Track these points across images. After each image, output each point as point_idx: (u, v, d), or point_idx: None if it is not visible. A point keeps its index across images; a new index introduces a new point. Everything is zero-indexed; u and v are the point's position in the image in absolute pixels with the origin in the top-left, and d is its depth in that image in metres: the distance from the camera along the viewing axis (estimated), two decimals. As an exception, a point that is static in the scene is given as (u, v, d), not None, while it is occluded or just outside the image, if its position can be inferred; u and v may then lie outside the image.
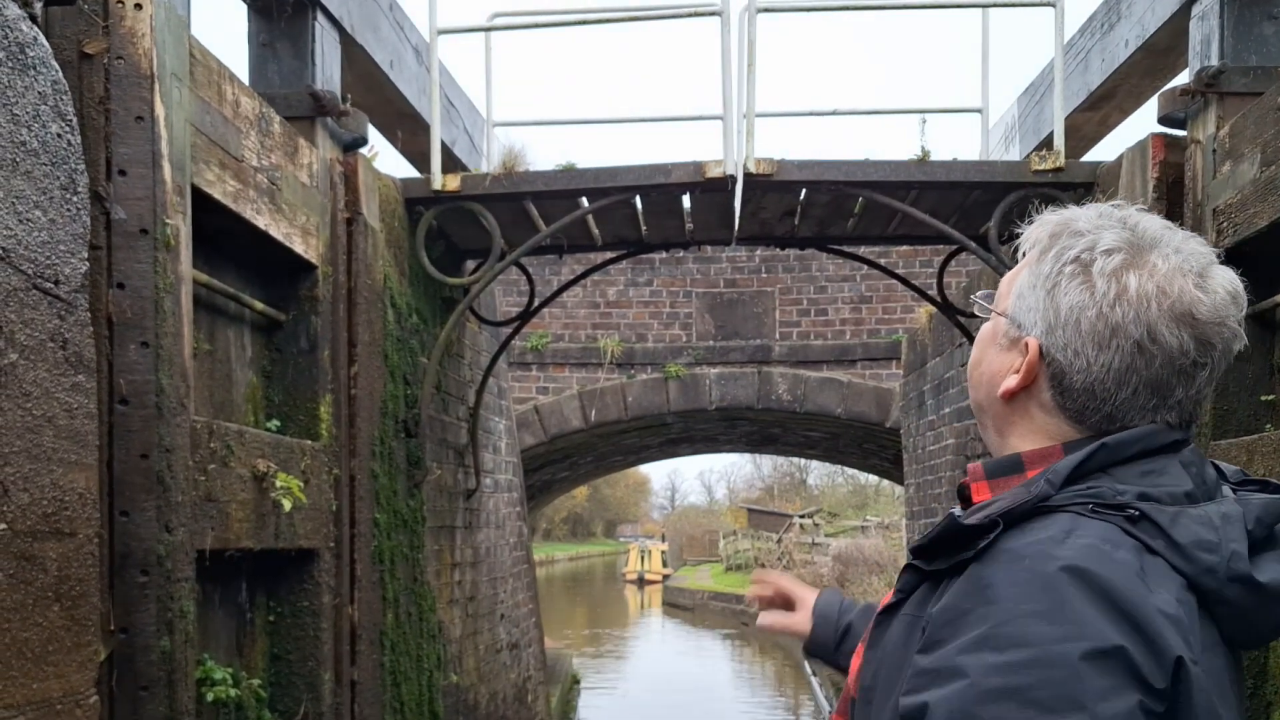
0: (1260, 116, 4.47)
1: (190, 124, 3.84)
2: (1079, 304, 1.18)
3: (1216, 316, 1.18)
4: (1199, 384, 1.20)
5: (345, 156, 5.45)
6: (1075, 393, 1.20)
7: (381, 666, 5.55)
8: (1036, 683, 1.00)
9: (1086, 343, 1.18)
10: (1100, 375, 1.18)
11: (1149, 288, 1.16)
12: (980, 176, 6.12)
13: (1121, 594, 1.04)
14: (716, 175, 6.02)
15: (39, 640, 2.85)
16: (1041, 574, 1.06)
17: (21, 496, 2.78)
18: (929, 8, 6.64)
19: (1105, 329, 1.17)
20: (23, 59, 2.87)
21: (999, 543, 1.12)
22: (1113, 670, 1.01)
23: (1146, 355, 1.17)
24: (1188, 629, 1.06)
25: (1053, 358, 1.21)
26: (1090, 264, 1.19)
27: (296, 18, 5.13)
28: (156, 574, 3.50)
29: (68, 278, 3.01)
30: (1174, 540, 1.10)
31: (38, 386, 2.85)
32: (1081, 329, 1.18)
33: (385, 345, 5.81)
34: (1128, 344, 1.16)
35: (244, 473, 4.17)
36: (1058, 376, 1.21)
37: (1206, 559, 1.10)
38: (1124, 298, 1.16)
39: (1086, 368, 1.18)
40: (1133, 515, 1.12)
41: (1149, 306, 1.16)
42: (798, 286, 13.74)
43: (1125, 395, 1.18)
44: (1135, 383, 1.18)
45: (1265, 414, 4.58)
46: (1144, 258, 1.18)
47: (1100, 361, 1.18)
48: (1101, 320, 1.17)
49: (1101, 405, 1.19)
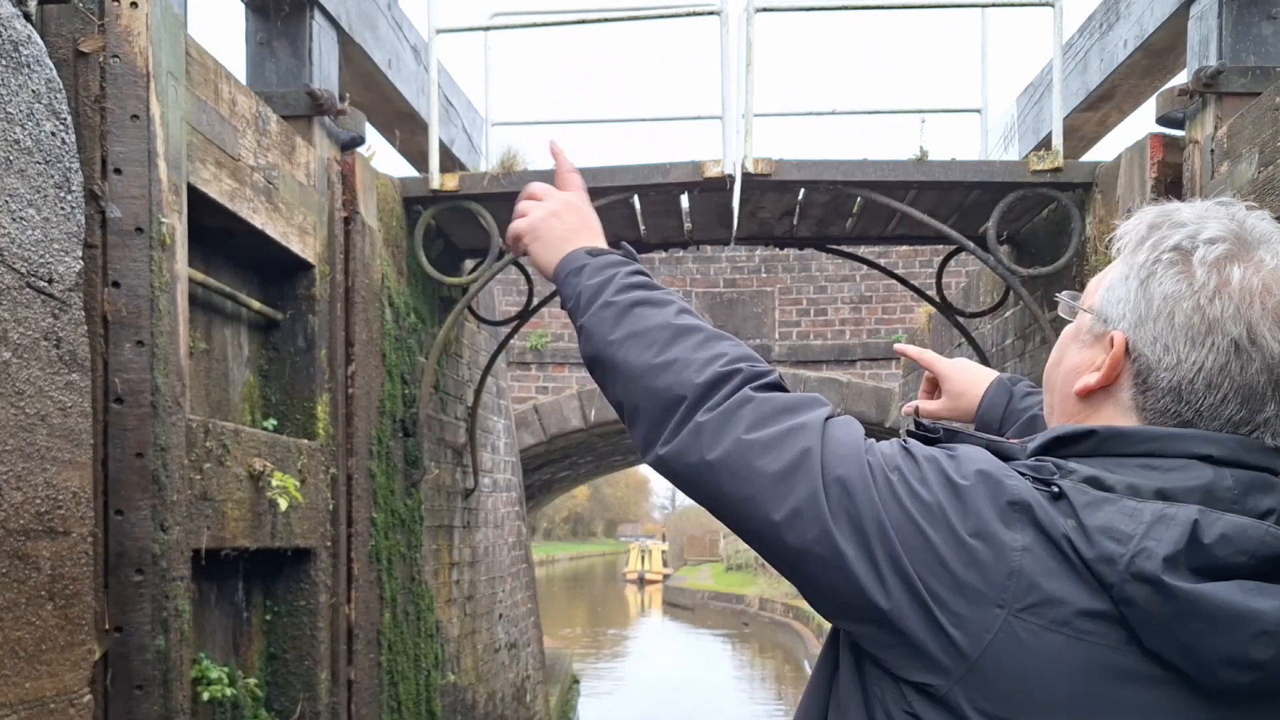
0: (1258, 116, 4.46)
1: (186, 122, 3.84)
2: (1175, 294, 1.09)
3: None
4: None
5: (343, 156, 5.45)
6: (1160, 392, 1.11)
7: (379, 666, 5.55)
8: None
9: (1179, 337, 1.08)
10: (1190, 374, 1.08)
11: (1254, 282, 1.06)
12: (979, 176, 6.11)
13: (966, 489, 1.08)
14: (715, 175, 6.02)
15: (32, 639, 2.85)
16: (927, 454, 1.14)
17: (14, 495, 2.78)
18: (928, 8, 6.63)
19: (1202, 323, 1.07)
20: (16, 57, 2.86)
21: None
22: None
23: (1244, 357, 1.06)
24: (1018, 574, 1.04)
25: (1140, 353, 1.11)
26: (1191, 252, 1.09)
27: (294, 16, 5.13)
28: (151, 573, 3.49)
29: (62, 276, 3.01)
30: (1082, 522, 1.04)
31: (31, 385, 2.85)
32: (1175, 322, 1.08)
33: (383, 344, 5.81)
34: (1224, 342, 1.06)
35: (240, 472, 4.17)
36: (1143, 373, 1.11)
37: (1108, 547, 1.02)
38: (1225, 290, 1.07)
39: (1176, 364, 1.09)
40: (1054, 493, 1.07)
41: (1251, 303, 1.06)
42: (797, 286, 13.73)
43: (1213, 401, 1.08)
44: (1227, 388, 1.08)
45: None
46: (1251, 252, 1.08)
47: (1192, 359, 1.08)
48: (1199, 314, 1.07)
49: (1184, 410, 1.10)
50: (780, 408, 1.20)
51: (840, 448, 1.15)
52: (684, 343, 1.29)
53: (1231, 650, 1.01)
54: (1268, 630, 1.00)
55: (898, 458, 1.13)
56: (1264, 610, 1.00)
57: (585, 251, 1.46)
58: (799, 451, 1.15)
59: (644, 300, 1.36)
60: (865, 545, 1.09)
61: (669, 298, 1.37)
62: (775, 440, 1.17)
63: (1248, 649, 1.00)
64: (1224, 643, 1.01)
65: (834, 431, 1.17)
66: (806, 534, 1.12)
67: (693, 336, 1.30)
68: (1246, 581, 1.02)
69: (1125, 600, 1.02)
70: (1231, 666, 1.01)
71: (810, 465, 1.14)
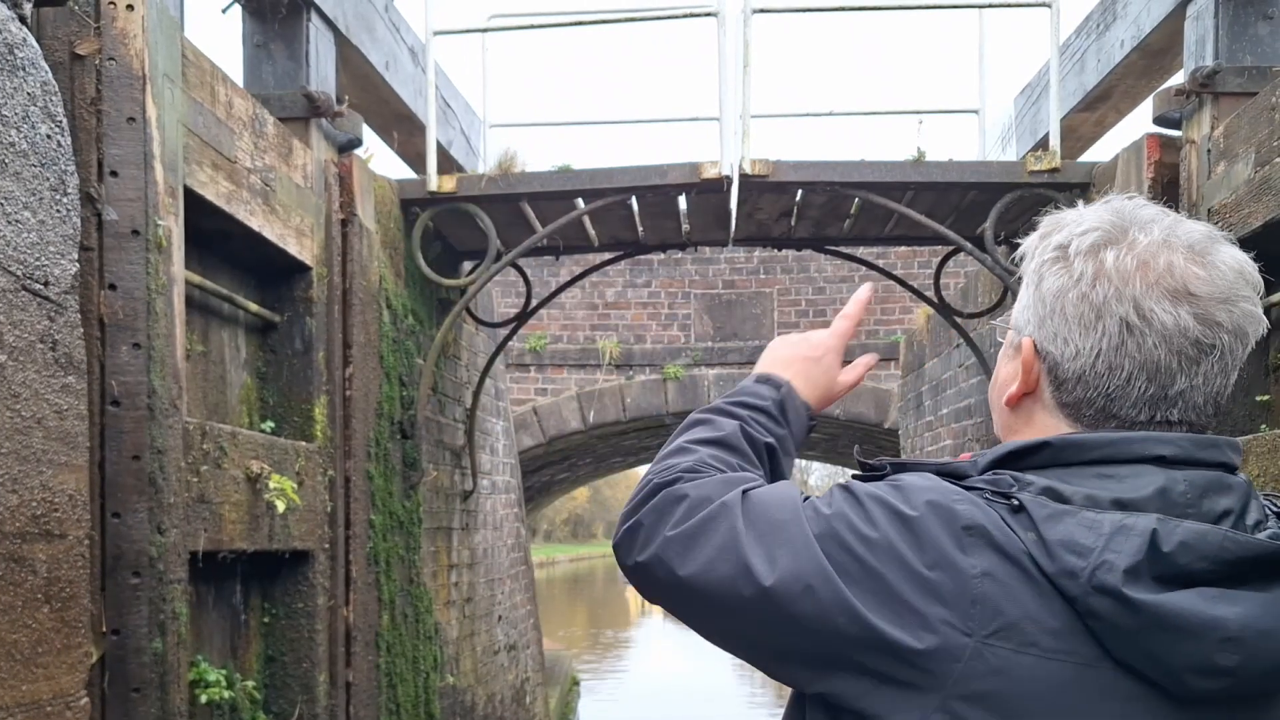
0: (1255, 116, 4.46)
1: (183, 125, 3.84)
2: (1060, 288, 1.12)
3: (1219, 292, 1.09)
4: (1205, 371, 1.10)
5: (340, 157, 5.45)
6: (1070, 384, 1.13)
7: (377, 668, 5.55)
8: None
9: (1073, 327, 1.12)
10: (1090, 360, 1.11)
11: (1127, 262, 1.09)
12: (976, 177, 6.11)
13: (924, 527, 1.06)
14: (712, 176, 6.02)
15: (28, 642, 2.85)
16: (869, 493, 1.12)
17: (10, 498, 2.78)
18: (925, 9, 6.64)
19: (1089, 310, 1.10)
20: (11, 60, 2.86)
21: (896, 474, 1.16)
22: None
23: (1137, 334, 1.09)
24: (981, 601, 1.03)
25: (1046, 351, 1.15)
26: (1066, 246, 1.13)
27: (291, 19, 5.13)
28: (148, 575, 3.49)
29: (58, 279, 3.01)
30: (1042, 536, 1.04)
31: (27, 388, 2.85)
32: (1067, 314, 1.12)
33: (381, 346, 5.81)
34: (1114, 323, 1.09)
35: (237, 474, 4.16)
36: (1053, 370, 1.15)
37: (1069, 560, 1.02)
38: (1102, 275, 1.10)
39: (1076, 354, 1.12)
40: (1014, 506, 1.06)
41: (1130, 280, 1.09)
42: (796, 288, 13.73)
43: (1118, 383, 1.11)
44: (1129, 366, 1.10)
45: (1260, 414, 4.57)
46: (1124, 235, 1.11)
47: (1088, 345, 1.11)
48: (1084, 301, 1.11)
49: (1095, 397, 1.12)
50: (703, 496, 1.20)
51: (770, 511, 1.15)
52: (672, 459, 1.31)
53: (1197, 659, 1.01)
54: (1231, 637, 1.00)
55: (840, 503, 1.12)
56: (1226, 617, 1.01)
57: (759, 378, 1.47)
58: (725, 530, 1.15)
59: (705, 422, 1.38)
60: (818, 600, 1.07)
61: (726, 427, 1.37)
62: (698, 528, 1.17)
63: (1213, 656, 1.01)
64: (1189, 651, 1.01)
65: (758, 498, 1.17)
66: (758, 604, 1.11)
67: (672, 447, 1.34)
68: (1208, 589, 1.02)
69: (1089, 613, 1.02)
70: (1199, 674, 1.01)
71: (736, 539, 1.13)
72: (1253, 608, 1.02)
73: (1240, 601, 1.01)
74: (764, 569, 1.10)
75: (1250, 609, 1.01)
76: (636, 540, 1.22)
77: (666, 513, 1.21)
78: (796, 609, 1.08)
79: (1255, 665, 1.01)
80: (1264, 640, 1.01)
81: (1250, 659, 1.01)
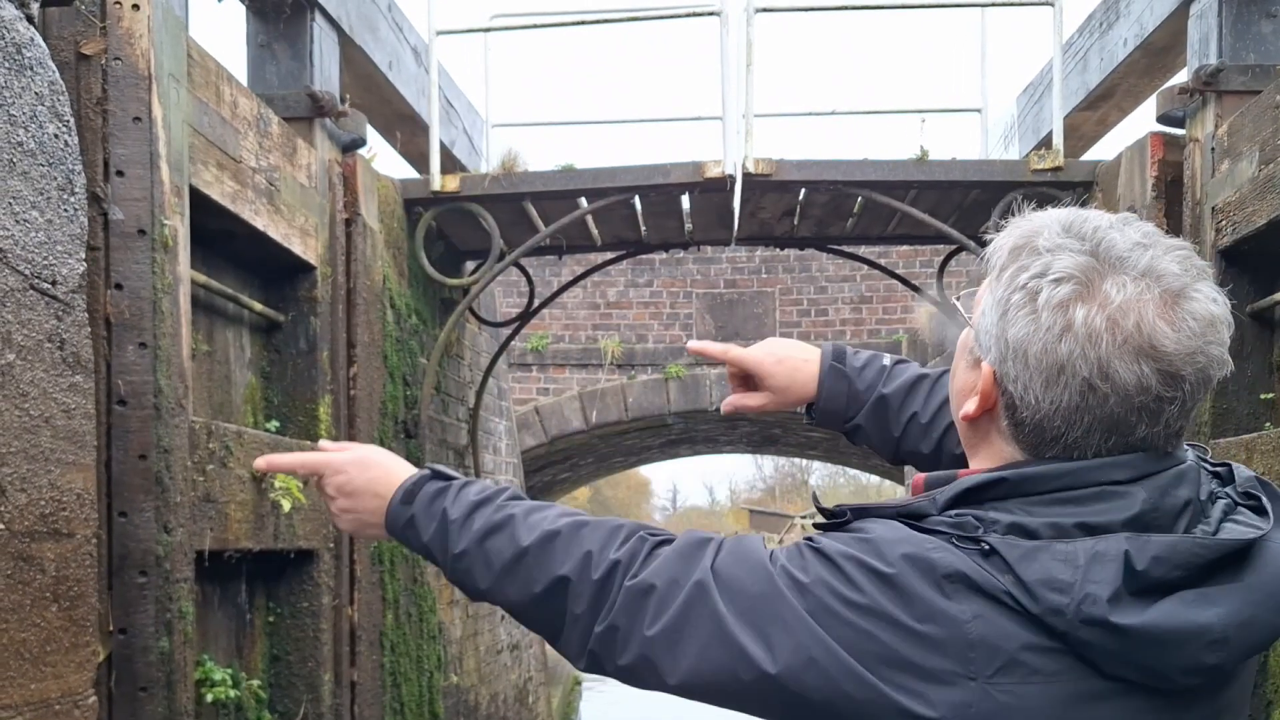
0: (1258, 114, 4.47)
1: (188, 125, 3.84)
2: (1025, 337, 1.09)
3: (1185, 348, 1.06)
4: (1167, 419, 1.09)
5: (344, 157, 5.45)
6: (1026, 427, 1.12)
7: (381, 667, 5.55)
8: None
9: (1034, 378, 1.09)
10: (1049, 413, 1.09)
11: (1097, 322, 1.06)
12: (979, 176, 6.12)
13: (902, 578, 1.06)
14: (715, 175, 6.02)
15: (37, 641, 2.85)
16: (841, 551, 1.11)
17: (19, 497, 2.78)
18: (927, 7, 6.64)
19: (1052, 365, 1.07)
20: (19, 59, 2.87)
21: (860, 524, 1.15)
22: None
23: (1098, 394, 1.07)
24: (979, 645, 1.04)
25: (1005, 387, 1.13)
26: (1037, 293, 1.08)
27: (295, 19, 5.13)
28: (155, 575, 3.50)
29: (65, 278, 3.01)
30: (1020, 578, 1.04)
31: (35, 387, 2.85)
32: (1029, 363, 1.09)
33: (384, 346, 5.81)
34: (1075, 381, 1.07)
35: (243, 473, 4.17)
36: (1010, 408, 1.13)
37: (1053, 599, 1.03)
38: (1069, 332, 1.07)
39: (1035, 405, 1.10)
40: (985, 550, 1.07)
41: (1097, 342, 1.06)
42: (798, 287, 13.73)
43: (1077, 434, 1.09)
44: (1087, 422, 1.08)
45: (1264, 412, 4.57)
46: (1097, 286, 1.07)
47: (1048, 399, 1.09)
48: (1048, 356, 1.07)
49: (1053, 443, 1.11)
50: (669, 580, 1.17)
51: (745, 585, 1.13)
52: (550, 557, 1.27)
53: (1188, 662, 1.05)
54: (1217, 639, 1.04)
55: (817, 569, 1.10)
56: (1210, 622, 1.04)
57: (399, 501, 1.39)
58: (708, 617, 1.13)
59: (490, 530, 1.32)
60: (824, 673, 1.07)
61: (506, 509, 1.33)
62: (679, 621, 1.15)
63: (1202, 657, 1.04)
64: (1180, 657, 1.04)
65: (728, 572, 1.15)
66: (761, 687, 1.10)
67: (554, 545, 1.27)
68: (1186, 593, 1.04)
69: (1080, 644, 1.04)
70: (1189, 674, 1.05)
71: (722, 625, 1.12)
72: (1231, 604, 1.05)
73: (1219, 600, 1.05)
74: (762, 653, 1.09)
75: (1229, 606, 1.05)
76: (615, 646, 1.20)
77: (638, 611, 1.18)
78: (804, 686, 1.08)
79: (1238, 654, 1.07)
80: (1245, 631, 1.06)
81: (1233, 651, 1.06)
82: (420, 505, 1.37)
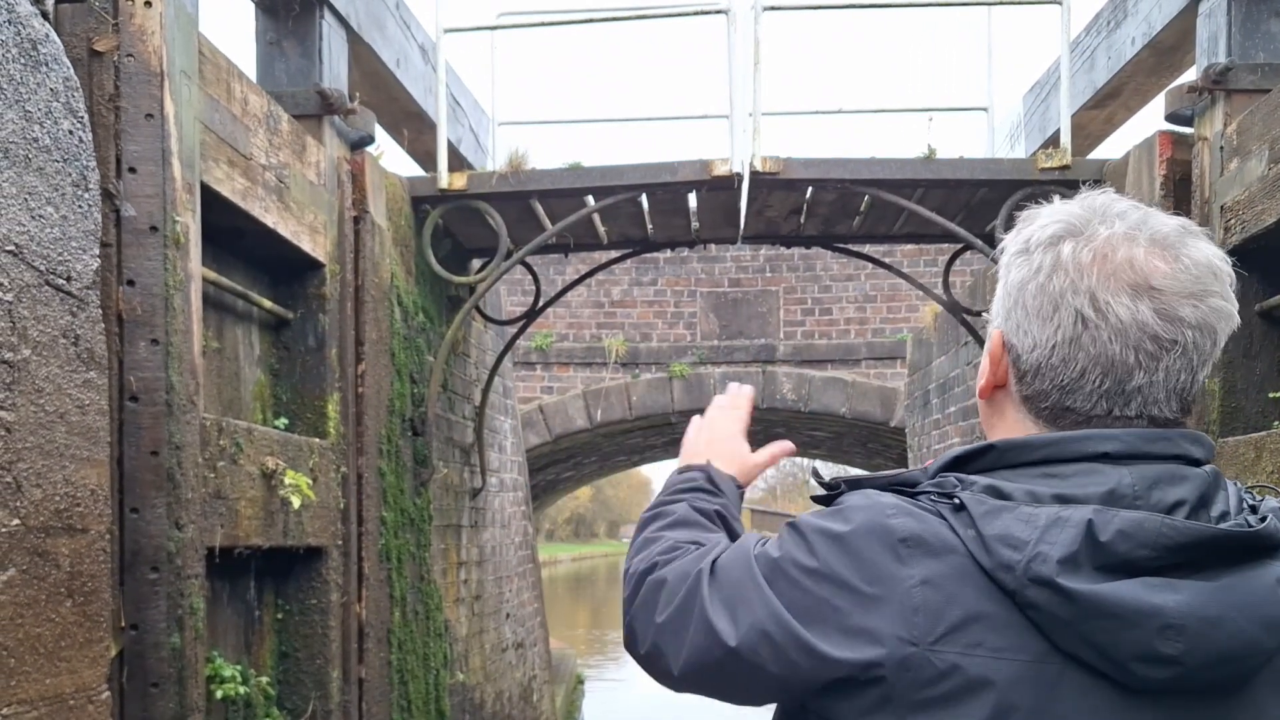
0: (1268, 113, 4.46)
1: (199, 121, 3.84)
2: (1021, 280, 1.14)
3: (1184, 287, 1.07)
4: (1166, 366, 1.09)
5: (352, 155, 5.46)
6: (1029, 376, 1.14)
7: (389, 664, 5.56)
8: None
9: (1032, 319, 1.12)
10: (1046, 352, 1.11)
11: (1084, 254, 1.09)
12: (986, 174, 6.11)
13: (858, 552, 1.09)
14: (723, 173, 6.02)
15: (51, 636, 2.86)
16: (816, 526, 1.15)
17: (34, 492, 2.79)
18: (935, 6, 6.64)
19: (1047, 301, 1.11)
20: (35, 55, 2.87)
21: (842, 497, 1.18)
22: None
23: (1091, 328, 1.08)
24: (923, 609, 1.05)
25: (1011, 344, 1.16)
26: (1030, 240, 1.15)
27: (304, 16, 5.14)
28: (166, 571, 3.50)
29: (79, 274, 3.02)
30: (980, 532, 1.05)
31: (50, 383, 2.86)
32: (1027, 306, 1.13)
33: (392, 344, 5.82)
34: (1069, 315, 1.09)
35: (253, 470, 4.17)
36: (1016, 363, 1.16)
37: (1005, 554, 1.04)
38: (1059, 267, 1.10)
39: (1034, 346, 1.13)
40: (955, 505, 1.08)
41: (1085, 273, 1.09)
42: (802, 286, 13.73)
43: (1072, 375, 1.10)
44: (1082, 360, 1.10)
45: (1273, 411, 4.57)
46: (1085, 228, 1.11)
47: (1045, 337, 1.11)
48: (1042, 293, 1.11)
49: (1050, 390, 1.12)
50: (680, 574, 1.25)
51: (730, 572, 1.19)
52: (648, 549, 1.38)
53: (1139, 647, 1.01)
54: (1171, 624, 1.00)
55: (787, 544, 1.15)
56: (1165, 605, 1.00)
57: (678, 469, 1.58)
58: (697, 604, 1.20)
59: (659, 515, 1.46)
60: (774, 645, 1.11)
61: (675, 511, 1.45)
62: (681, 610, 1.22)
63: (1154, 643, 1.00)
64: (1131, 639, 1.01)
65: (721, 563, 1.22)
66: (728, 663, 1.16)
67: (654, 541, 1.39)
68: (1151, 578, 1.02)
69: (1028, 605, 1.03)
70: (1143, 663, 1.01)
71: (703, 607, 1.19)
72: (1197, 595, 1.01)
73: (1183, 590, 1.01)
74: (727, 628, 1.15)
75: (1194, 596, 1.01)
76: (636, 635, 1.29)
77: (651, 601, 1.27)
78: (759, 658, 1.12)
79: (1202, 653, 1.01)
80: (1209, 628, 1.01)
81: (1195, 647, 1.00)
82: (674, 477, 1.56)
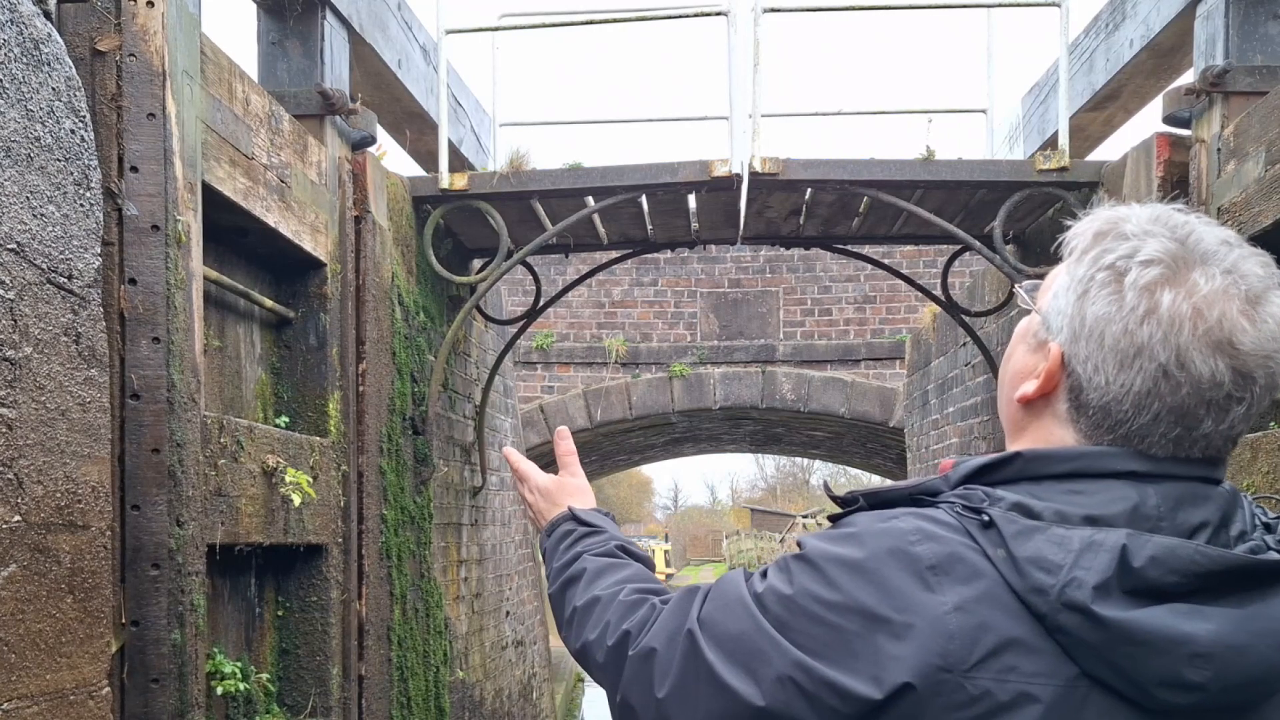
0: (1265, 115, 4.48)
1: (201, 121, 3.87)
2: (1106, 315, 1.08)
3: (1262, 349, 1.06)
4: (1233, 419, 1.08)
5: (354, 155, 5.48)
6: (1090, 410, 1.11)
7: (389, 662, 5.58)
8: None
9: (1109, 359, 1.08)
10: (1119, 395, 1.08)
11: (1183, 308, 1.05)
12: (985, 176, 6.13)
13: (884, 582, 1.06)
14: (723, 174, 6.04)
15: (52, 632, 2.88)
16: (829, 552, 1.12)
17: (35, 489, 2.81)
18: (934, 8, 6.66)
19: (1130, 347, 1.07)
20: (37, 55, 2.90)
21: (852, 517, 1.16)
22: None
23: (1172, 381, 1.06)
24: (958, 635, 1.02)
25: (1073, 369, 1.11)
26: (1125, 273, 1.08)
27: (306, 16, 5.16)
28: (167, 567, 3.52)
29: (81, 272, 3.04)
30: (1012, 553, 1.04)
31: (52, 380, 2.88)
32: (1105, 343, 1.08)
33: (393, 343, 5.84)
34: (1152, 366, 1.06)
35: (254, 468, 4.20)
36: (1075, 390, 1.12)
37: (1038, 578, 1.02)
38: (1154, 315, 1.06)
39: (1105, 385, 1.09)
40: (984, 522, 1.07)
41: (1180, 329, 1.05)
42: (802, 286, 13.75)
43: (1145, 420, 1.08)
44: (1156, 409, 1.07)
45: (1270, 411, 4.59)
46: (1185, 274, 1.06)
47: (1120, 381, 1.08)
48: (1127, 337, 1.07)
49: (1117, 427, 1.10)
50: (667, 639, 1.21)
51: (727, 626, 1.15)
52: (587, 620, 1.40)
53: (1166, 673, 1.01)
54: (1200, 653, 1.00)
55: (800, 578, 1.11)
56: (1196, 633, 1.00)
57: (545, 532, 1.65)
58: (703, 667, 1.16)
59: (568, 582, 1.50)
60: (804, 691, 1.07)
61: (584, 564, 1.49)
62: (682, 677, 1.18)
63: (1182, 671, 1.01)
64: (1158, 666, 1.01)
65: (711, 617, 1.18)
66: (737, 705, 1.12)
67: (592, 610, 1.40)
68: (1180, 604, 1.02)
69: (1058, 629, 1.02)
70: (1168, 688, 1.01)
71: (712, 671, 1.14)
72: (1225, 623, 1.01)
73: (1213, 618, 1.01)
74: (750, 690, 1.10)
75: (1222, 625, 1.01)
76: (637, 713, 1.24)
77: (644, 677, 1.22)
78: (793, 711, 1.08)
79: (1226, 680, 1.01)
80: (1236, 656, 1.01)
81: (1221, 674, 1.01)
82: (551, 542, 1.62)
